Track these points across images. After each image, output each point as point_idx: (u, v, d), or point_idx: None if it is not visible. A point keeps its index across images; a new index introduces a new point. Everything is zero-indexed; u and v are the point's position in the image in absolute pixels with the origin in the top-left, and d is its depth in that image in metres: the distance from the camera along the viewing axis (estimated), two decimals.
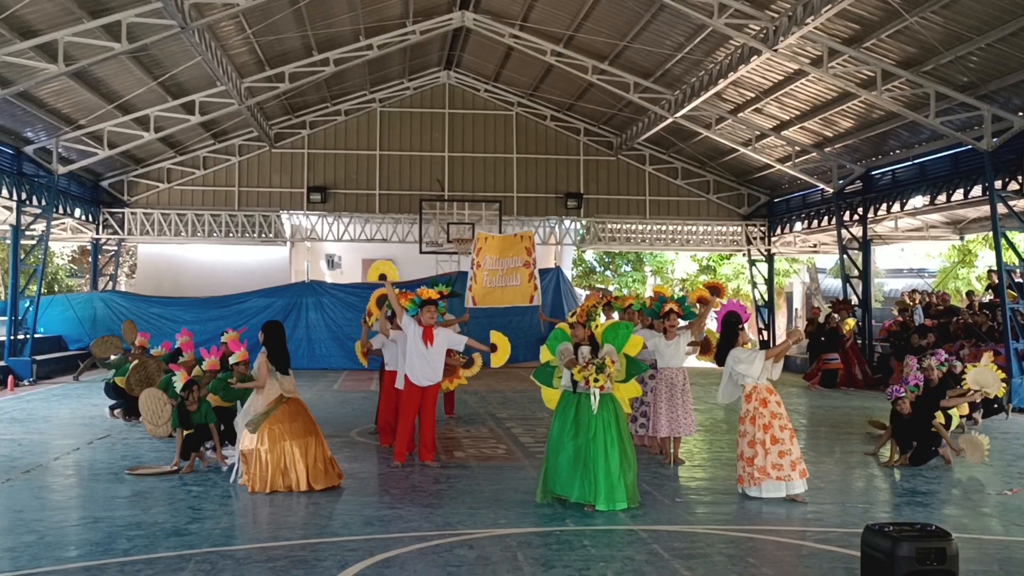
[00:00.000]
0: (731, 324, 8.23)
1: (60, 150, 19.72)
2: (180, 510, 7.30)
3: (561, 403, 7.67)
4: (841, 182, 21.61)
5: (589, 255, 38.08)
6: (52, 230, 21.19)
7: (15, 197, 18.71)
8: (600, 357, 7.44)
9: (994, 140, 15.65)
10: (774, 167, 23.04)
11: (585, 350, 7.57)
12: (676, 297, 10.03)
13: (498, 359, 10.14)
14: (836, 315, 19.82)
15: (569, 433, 7.43)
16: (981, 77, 15.10)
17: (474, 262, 13.16)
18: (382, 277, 9.29)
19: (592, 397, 7.38)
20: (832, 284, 33.88)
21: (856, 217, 21.62)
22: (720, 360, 8.29)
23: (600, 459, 7.26)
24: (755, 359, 7.91)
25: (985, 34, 13.65)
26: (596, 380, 7.30)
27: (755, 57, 16.50)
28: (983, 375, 11.16)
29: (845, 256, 22.15)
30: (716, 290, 9.56)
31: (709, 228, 26.44)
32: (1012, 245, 16.16)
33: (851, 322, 19.92)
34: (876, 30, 14.75)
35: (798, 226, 24.89)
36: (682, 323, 9.50)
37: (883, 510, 7.60)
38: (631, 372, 7.69)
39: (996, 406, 13.26)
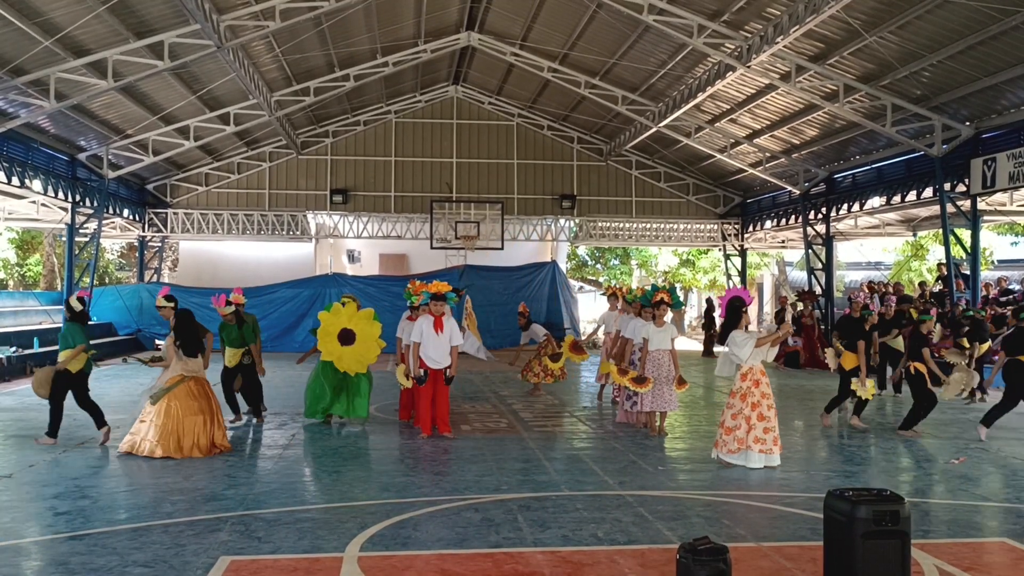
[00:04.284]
0: (735, 308, 8.11)
1: (110, 157, 19.69)
2: (217, 477, 7.29)
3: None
4: (807, 184, 21.55)
5: (581, 250, 38.01)
6: (103, 228, 21.18)
7: (70, 199, 18.70)
8: None
9: (944, 147, 15.61)
10: (747, 171, 22.98)
11: None
12: (665, 287, 10.04)
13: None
14: (800, 304, 19.86)
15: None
16: (932, 90, 15.04)
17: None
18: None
19: None
20: (798, 276, 33.80)
21: (820, 216, 21.57)
22: (723, 339, 8.24)
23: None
24: (747, 344, 7.86)
25: (936, 51, 13.59)
26: None
27: (730, 73, 16.43)
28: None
29: (810, 251, 22.12)
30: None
31: (688, 226, 26.42)
32: (959, 241, 16.13)
33: (799, 305, 20.01)
34: (839, 48, 14.69)
35: (768, 224, 24.85)
36: (670, 313, 9.57)
37: (843, 477, 7.60)
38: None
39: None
